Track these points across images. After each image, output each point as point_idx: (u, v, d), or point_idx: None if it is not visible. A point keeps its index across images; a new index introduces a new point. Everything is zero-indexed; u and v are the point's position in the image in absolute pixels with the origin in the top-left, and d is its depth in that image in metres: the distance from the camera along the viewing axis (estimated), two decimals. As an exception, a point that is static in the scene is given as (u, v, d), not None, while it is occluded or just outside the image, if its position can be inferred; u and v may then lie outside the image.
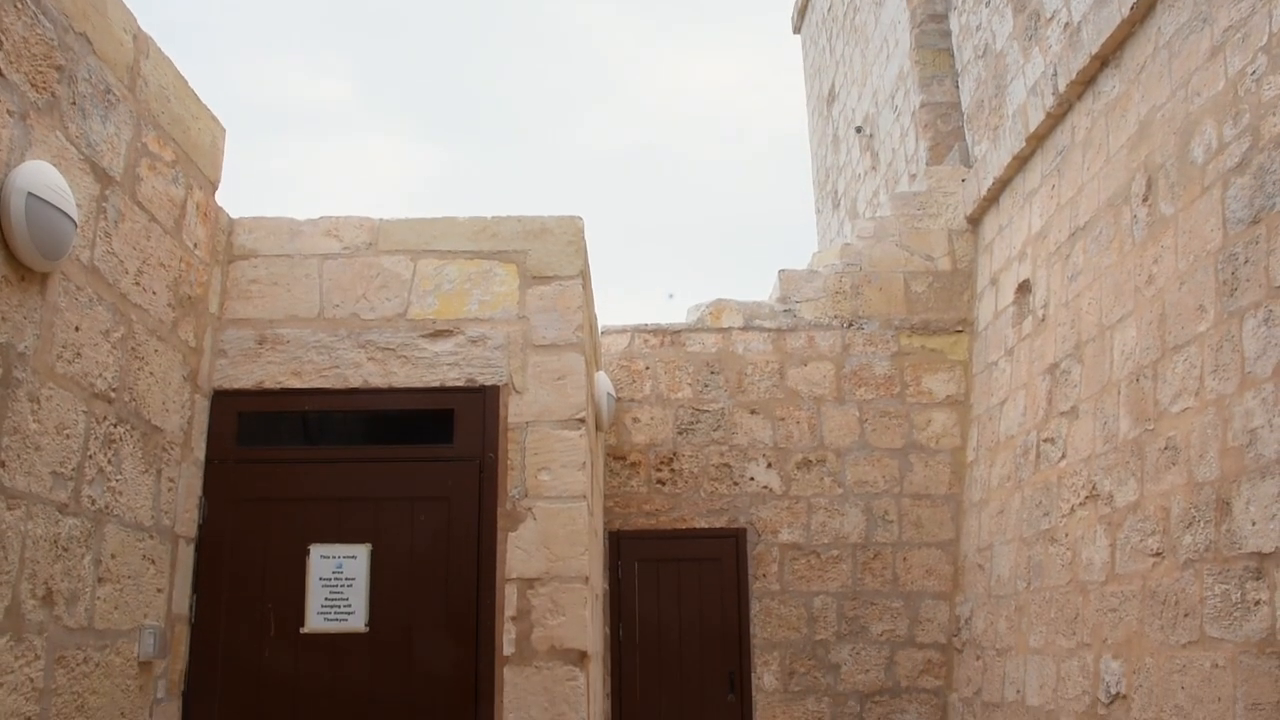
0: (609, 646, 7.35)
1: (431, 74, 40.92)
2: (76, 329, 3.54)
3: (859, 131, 11.36)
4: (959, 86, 8.76)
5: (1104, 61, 5.99)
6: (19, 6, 3.19)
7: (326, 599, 4.53)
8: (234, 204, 5.65)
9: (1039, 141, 6.90)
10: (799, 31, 14.90)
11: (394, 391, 4.79)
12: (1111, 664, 5.15)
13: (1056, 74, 6.46)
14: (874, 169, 10.85)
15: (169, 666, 4.27)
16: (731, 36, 40.00)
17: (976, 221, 8.15)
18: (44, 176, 3.21)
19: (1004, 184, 7.53)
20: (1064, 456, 6.00)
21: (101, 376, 3.70)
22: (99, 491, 3.68)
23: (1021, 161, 7.19)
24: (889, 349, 8.04)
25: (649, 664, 7.44)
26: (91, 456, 3.63)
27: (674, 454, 7.84)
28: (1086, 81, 6.20)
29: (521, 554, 4.57)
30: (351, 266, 4.94)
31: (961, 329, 8.07)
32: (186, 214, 4.41)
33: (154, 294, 4.10)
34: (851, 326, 8.09)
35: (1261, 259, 4.25)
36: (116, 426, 3.80)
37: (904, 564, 7.67)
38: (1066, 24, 6.40)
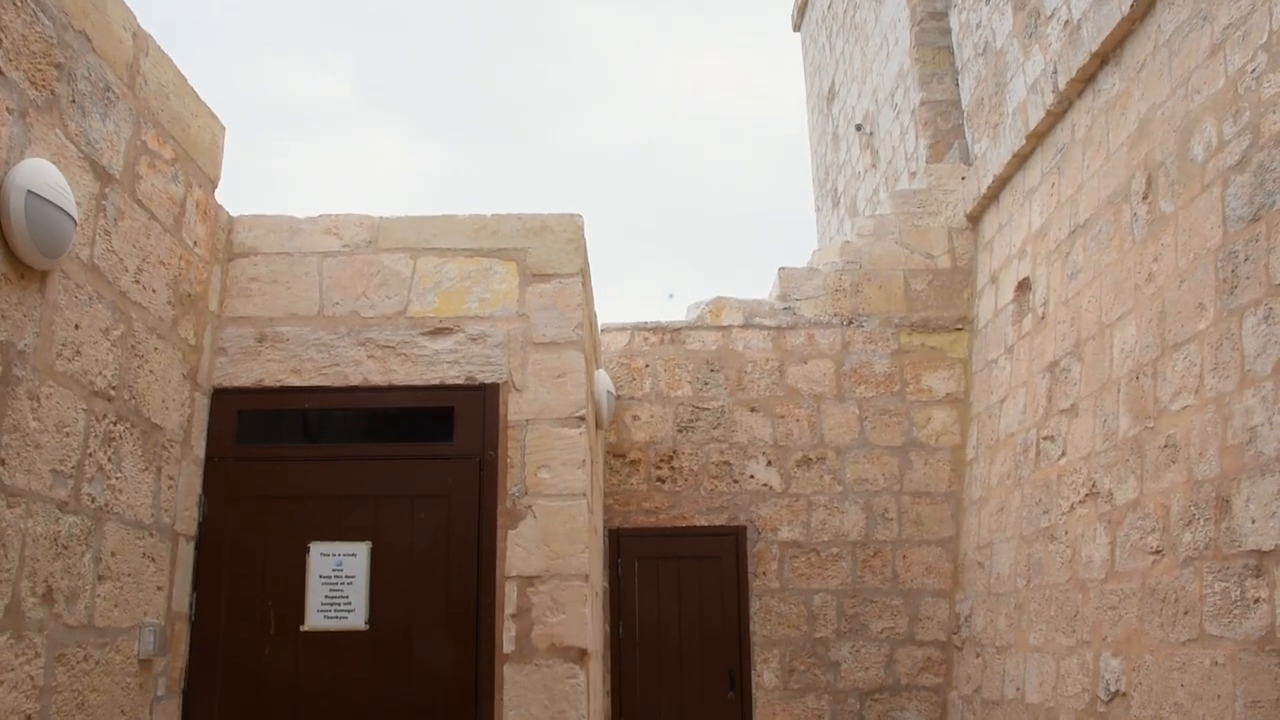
0: (609, 644, 7.35)
1: (431, 72, 40.93)
2: (76, 327, 3.54)
3: (859, 129, 11.36)
4: (959, 84, 8.76)
5: (1104, 59, 5.98)
6: (18, 4, 3.19)
7: (326, 597, 4.53)
8: (234, 202, 5.65)
9: (1039, 139, 6.90)
10: (799, 29, 14.89)
11: (394, 389, 4.79)
12: (1111, 661, 5.16)
13: (1057, 72, 6.45)
14: (874, 167, 10.85)
15: (169, 664, 4.28)
16: (732, 35, 40.01)
17: (976, 219, 8.15)
18: (44, 174, 3.21)
19: (1004, 182, 7.53)
20: (1064, 454, 6.00)
21: (101, 374, 3.70)
22: (99, 489, 3.68)
23: (1021, 159, 7.19)
24: (889, 347, 8.04)
25: (649, 662, 7.45)
26: (91, 454, 3.63)
27: (674, 452, 7.84)
28: (1087, 79, 6.20)
29: (521, 552, 4.58)
30: (351, 264, 4.94)
31: (961, 327, 8.07)
32: (186, 212, 4.40)
33: (154, 292, 4.10)
34: (851, 324, 8.09)
35: (1261, 257, 4.25)
36: (116, 424, 3.80)
37: (904, 561, 7.67)
38: (1066, 22, 6.39)
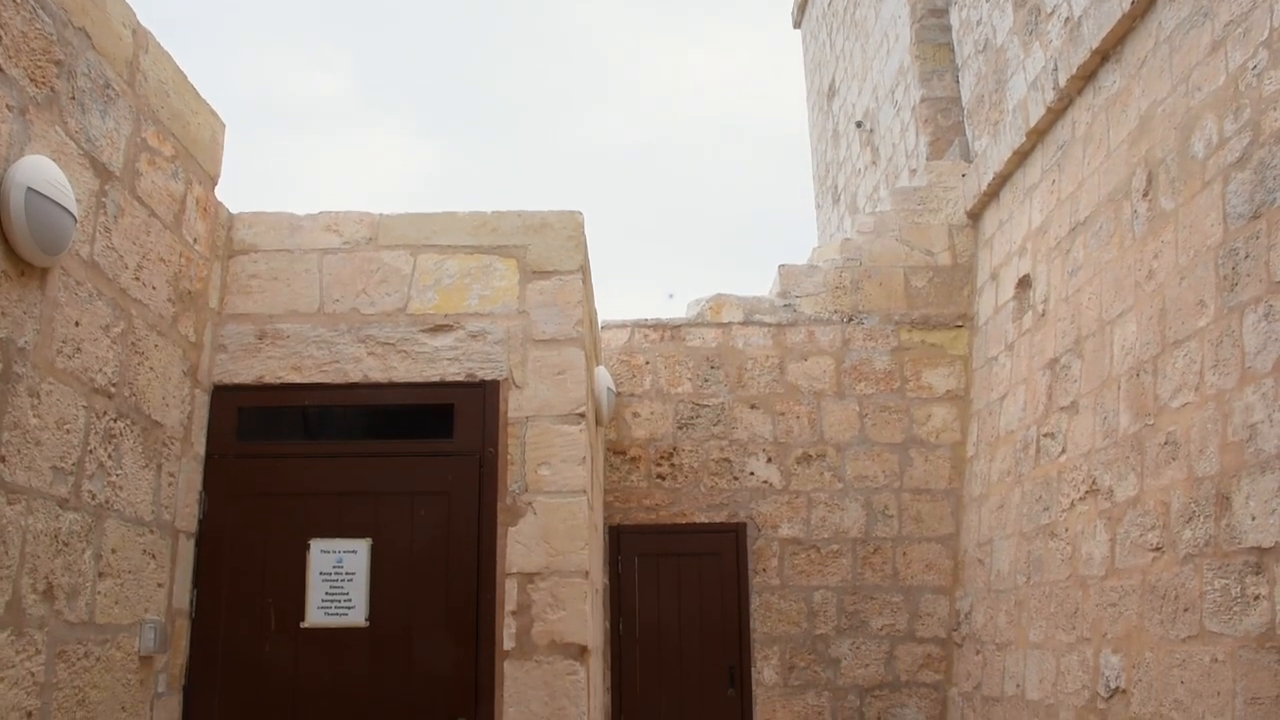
0: (609, 641, 7.36)
1: (431, 71, 40.89)
2: (76, 324, 3.54)
3: (859, 126, 11.35)
4: (959, 81, 8.75)
5: (1105, 56, 5.98)
6: (18, 1, 3.19)
7: (327, 594, 4.54)
8: (234, 200, 5.65)
9: (1039, 136, 6.89)
10: (799, 26, 14.88)
11: (394, 386, 4.79)
12: (1111, 658, 5.16)
13: (1057, 69, 6.45)
14: (874, 164, 10.84)
15: (170, 661, 4.28)
16: (732, 32, 39.96)
17: (977, 216, 8.15)
18: (43, 171, 3.20)
19: (1004, 179, 7.52)
20: (1064, 451, 6.00)
21: (101, 371, 3.70)
22: (99, 486, 3.68)
23: (1022, 156, 7.18)
24: (889, 344, 8.04)
25: (649, 658, 7.45)
26: (92, 451, 3.63)
27: (674, 449, 7.84)
28: (1087, 76, 6.19)
29: (521, 549, 4.58)
30: (351, 261, 4.93)
31: (961, 324, 8.06)
32: (186, 209, 4.40)
33: (154, 289, 4.10)
34: (851, 321, 8.09)
35: (1262, 254, 4.25)
36: (116, 421, 3.80)
37: (904, 559, 7.68)
38: (1067, 19, 6.39)
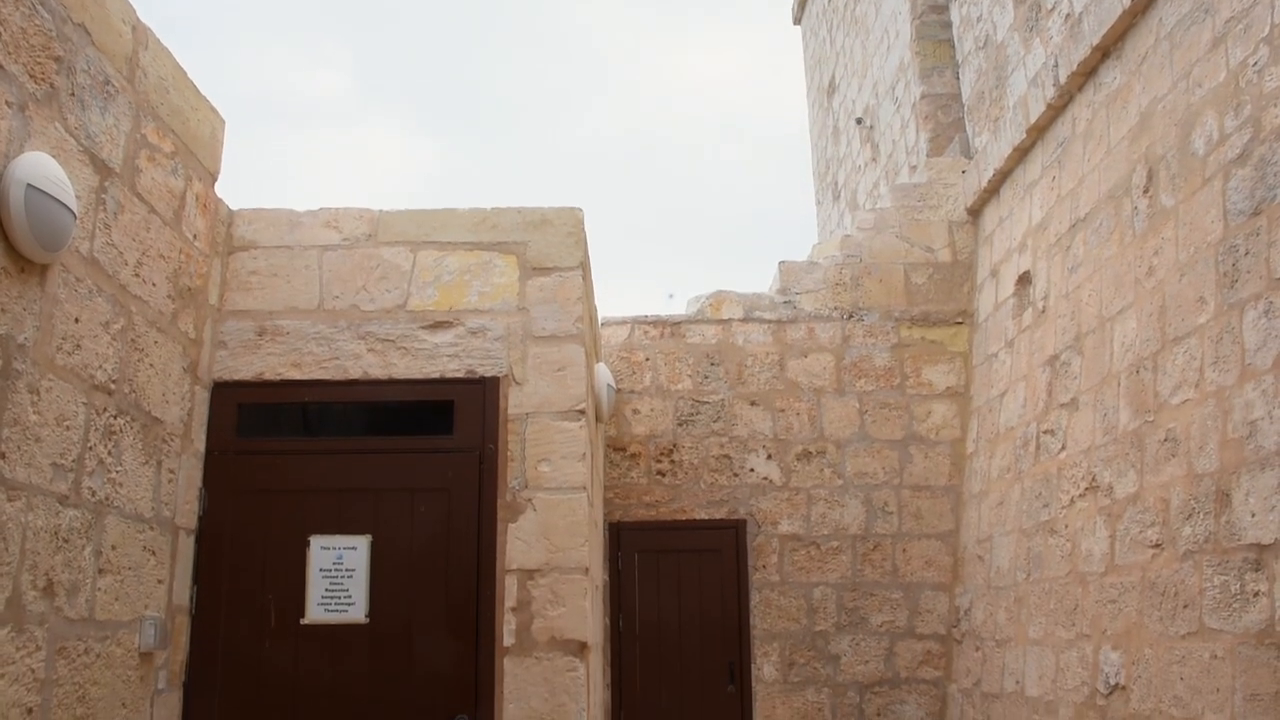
0: (609, 637, 7.36)
1: (431, 70, 40.85)
2: (76, 320, 3.54)
3: (859, 123, 11.34)
4: (959, 78, 8.74)
5: (1105, 53, 5.97)
6: (17, -3, 3.18)
7: (327, 590, 4.54)
8: (234, 197, 5.65)
9: (1039, 133, 6.89)
10: (799, 23, 14.86)
11: (394, 383, 4.79)
12: (1111, 655, 5.16)
13: (1057, 65, 6.44)
14: (874, 160, 10.83)
15: (170, 657, 4.29)
16: (731, 31, 39.92)
17: (977, 213, 8.14)
18: (43, 168, 3.20)
19: (1004, 175, 7.52)
20: (1064, 448, 6.01)
21: (101, 368, 3.70)
22: (99, 483, 3.68)
23: (1022, 153, 7.17)
24: (889, 340, 8.04)
25: (649, 655, 7.46)
26: (92, 448, 3.63)
27: (674, 445, 7.85)
28: (1087, 73, 6.18)
29: (521, 545, 4.58)
30: (351, 258, 4.93)
31: (961, 320, 8.06)
32: (186, 205, 4.40)
33: (154, 285, 4.10)
34: (851, 318, 8.09)
35: (1262, 251, 4.25)
36: (116, 418, 3.80)
37: (904, 555, 7.68)
38: (1068, 15, 6.38)
